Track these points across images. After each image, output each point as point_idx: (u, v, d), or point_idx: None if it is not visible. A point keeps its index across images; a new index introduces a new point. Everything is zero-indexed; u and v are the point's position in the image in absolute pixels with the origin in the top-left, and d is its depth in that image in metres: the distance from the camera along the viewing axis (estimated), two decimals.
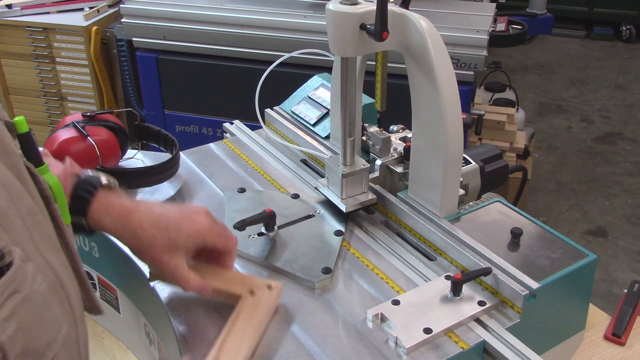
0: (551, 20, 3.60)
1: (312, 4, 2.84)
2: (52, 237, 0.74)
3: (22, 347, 0.61)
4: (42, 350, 0.65)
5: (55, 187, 0.78)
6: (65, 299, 0.72)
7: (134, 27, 2.95)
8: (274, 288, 1.06)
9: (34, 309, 0.64)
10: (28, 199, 0.69)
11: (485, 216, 1.22)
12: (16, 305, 0.61)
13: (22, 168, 0.70)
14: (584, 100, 4.88)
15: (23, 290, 0.62)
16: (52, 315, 0.68)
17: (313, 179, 1.42)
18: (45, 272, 0.68)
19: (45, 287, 0.66)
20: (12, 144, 0.70)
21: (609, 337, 1.23)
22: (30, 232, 0.67)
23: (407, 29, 1.11)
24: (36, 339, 0.64)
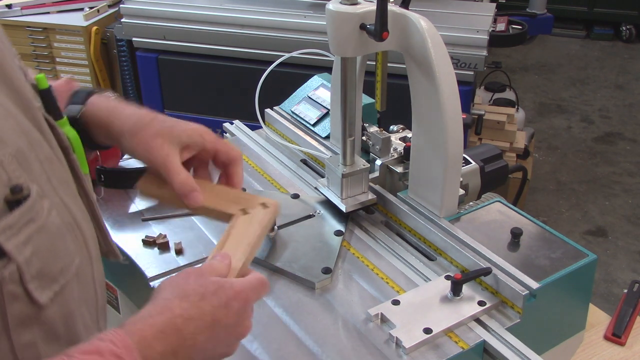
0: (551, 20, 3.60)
1: (312, 4, 2.84)
2: (70, 183, 0.81)
3: (36, 269, 0.68)
4: (54, 275, 0.72)
5: (74, 139, 0.86)
6: (81, 238, 0.79)
7: (134, 27, 2.95)
8: (269, 206, 0.99)
9: (48, 237, 0.71)
10: (46, 147, 0.76)
11: (485, 216, 1.22)
12: (32, 232, 0.68)
13: (41, 120, 0.78)
14: (584, 100, 4.88)
15: (39, 220, 0.69)
16: (65, 247, 0.74)
17: (313, 179, 1.42)
18: (61, 211, 0.75)
19: (59, 222, 0.73)
20: (33, 99, 0.77)
21: (609, 337, 1.23)
22: (48, 175, 0.74)
23: (407, 29, 1.11)
24: (50, 264, 0.71)
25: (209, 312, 0.78)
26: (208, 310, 0.78)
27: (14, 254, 0.66)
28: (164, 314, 0.76)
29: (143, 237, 1.24)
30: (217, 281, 0.81)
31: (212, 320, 0.78)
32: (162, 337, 0.74)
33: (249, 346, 1.00)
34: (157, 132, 0.96)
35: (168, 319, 0.76)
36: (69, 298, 0.75)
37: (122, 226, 1.30)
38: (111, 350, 0.69)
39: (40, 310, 0.70)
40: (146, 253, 1.21)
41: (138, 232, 1.26)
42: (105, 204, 1.35)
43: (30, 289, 0.68)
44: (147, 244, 1.23)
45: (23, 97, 0.75)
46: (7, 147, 0.67)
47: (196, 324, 0.77)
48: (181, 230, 1.26)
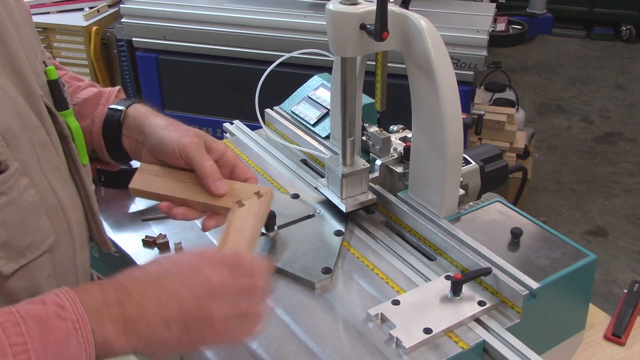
0: (551, 20, 3.60)
1: (312, 4, 2.84)
2: (62, 169, 0.85)
3: (2, 239, 0.72)
4: (21, 249, 0.75)
5: (76, 130, 0.90)
6: (65, 222, 0.83)
7: (134, 27, 2.95)
8: (263, 194, 0.99)
9: (18, 212, 0.74)
10: (42, 132, 0.81)
11: (485, 216, 1.22)
12: (2, 204, 0.72)
13: (42, 107, 0.83)
14: (584, 100, 4.88)
15: (11, 194, 0.73)
16: (38, 225, 0.78)
17: (313, 179, 1.42)
18: (46, 192, 0.79)
19: (36, 200, 0.77)
20: (36, 86, 0.82)
21: (609, 337, 1.23)
22: (39, 158, 0.79)
23: (407, 29, 1.11)
24: (17, 238, 0.74)
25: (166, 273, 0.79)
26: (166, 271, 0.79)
27: None
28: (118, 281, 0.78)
29: (143, 237, 1.24)
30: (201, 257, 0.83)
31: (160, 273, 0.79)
32: (103, 289, 0.75)
33: (249, 346, 1.00)
34: (189, 128, 1.02)
35: (113, 279, 0.78)
36: (37, 274, 0.78)
37: (122, 226, 1.30)
38: (54, 300, 0.71)
39: (3, 280, 0.74)
40: (146, 253, 1.21)
41: (138, 232, 1.26)
42: (105, 204, 1.35)
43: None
44: (147, 244, 1.23)
45: (26, 84, 0.80)
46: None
47: (142, 278, 0.78)
48: (181, 230, 1.26)
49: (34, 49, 0.89)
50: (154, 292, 0.76)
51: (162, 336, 0.75)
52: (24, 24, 0.88)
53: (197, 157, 0.97)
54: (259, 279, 0.82)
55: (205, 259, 0.81)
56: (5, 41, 0.80)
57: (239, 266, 0.81)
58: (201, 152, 0.98)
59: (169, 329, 0.75)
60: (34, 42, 0.90)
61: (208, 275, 0.78)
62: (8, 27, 0.81)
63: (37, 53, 0.89)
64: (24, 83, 0.80)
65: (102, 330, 0.72)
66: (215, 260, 0.81)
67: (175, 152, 0.98)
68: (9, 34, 0.81)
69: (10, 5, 0.85)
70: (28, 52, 0.85)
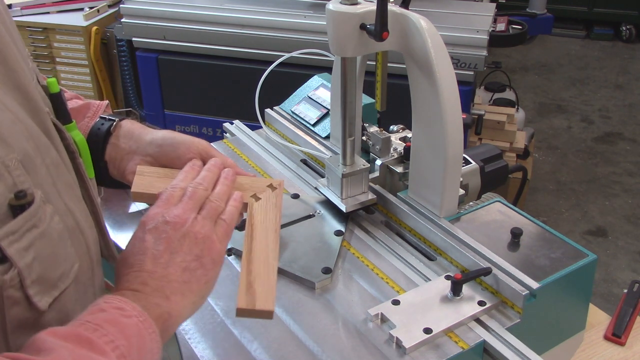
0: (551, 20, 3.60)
1: (312, 4, 2.84)
2: (75, 187, 0.83)
3: (37, 274, 0.70)
4: (54, 281, 0.73)
5: (81, 144, 0.88)
6: (84, 243, 0.81)
7: (134, 27, 2.95)
8: (276, 186, 1.02)
9: (50, 243, 0.72)
10: (53, 151, 0.78)
11: (485, 216, 1.22)
12: (35, 237, 0.69)
13: (50, 124, 0.79)
14: (584, 100, 4.88)
15: (41, 225, 0.70)
16: (66, 253, 0.76)
17: (313, 179, 1.42)
18: (65, 216, 0.77)
19: (61, 227, 0.75)
20: (42, 103, 0.79)
21: (609, 337, 1.23)
22: (54, 179, 0.76)
23: (407, 29, 1.11)
24: (50, 270, 0.72)
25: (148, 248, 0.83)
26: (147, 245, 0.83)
27: (15, 259, 0.66)
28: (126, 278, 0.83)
29: None
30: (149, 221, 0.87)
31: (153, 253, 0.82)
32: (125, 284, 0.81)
33: (249, 346, 1.01)
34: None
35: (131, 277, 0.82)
36: (66, 303, 0.76)
37: (122, 226, 1.30)
38: (110, 305, 0.74)
39: (39, 315, 0.71)
40: None
41: None
42: (105, 204, 1.35)
43: (30, 294, 0.69)
44: None
45: (32, 102, 0.77)
46: (14, 152, 0.68)
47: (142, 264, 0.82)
48: None
49: (25, 56, 0.85)
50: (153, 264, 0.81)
51: (194, 279, 0.82)
52: (14, 30, 0.84)
53: (217, 153, 1.02)
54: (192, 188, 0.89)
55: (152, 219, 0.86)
56: (6, 57, 0.75)
57: (170, 197, 0.89)
58: (217, 151, 1.03)
59: (190, 270, 0.82)
60: (24, 53, 0.87)
61: (169, 220, 0.85)
62: (8, 43, 0.77)
63: (27, 61, 0.86)
64: (29, 101, 0.77)
65: (154, 304, 0.77)
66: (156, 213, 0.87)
67: (191, 149, 1.01)
68: (9, 50, 0.76)
69: (1, 15, 0.80)
70: (24, 61, 0.81)
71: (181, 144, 1.02)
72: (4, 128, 0.68)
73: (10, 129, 0.69)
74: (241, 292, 0.86)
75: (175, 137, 1.03)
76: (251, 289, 0.86)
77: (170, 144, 1.02)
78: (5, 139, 0.67)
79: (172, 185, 0.91)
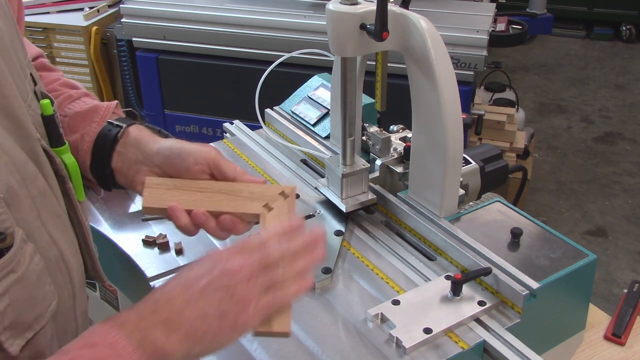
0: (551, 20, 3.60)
1: (312, 4, 2.84)
2: (62, 215, 0.81)
3: (10, 321, 0.67)
4: (29, 323, 0.71)
5: (72, 167, 0.85)
6: (66, 273, 0.79)
7: (134, 27, 2.95)
8: (288, 194, 0.98)
9: (27, 287, 0.70)
10: (41, 180, 0.76)
11: (485, 216, 1.22)
12: (11, 283, 0.67)
13: (39, 151, 0.77)
14: (584, 100, 4.88)
15: (19, 270, 0.68)
16: (44, 293, 0.74)
17: (313, 179, 1.42)
18: (47, 249, 0.75)
19: (41, 267, 0.73)
20: (32, 128, 0.76)
21: (609, 337, 1.23)
22: (39, 211, 0.74)
23: (407, 29, 1.11)
24: (25, 314, 0.70)
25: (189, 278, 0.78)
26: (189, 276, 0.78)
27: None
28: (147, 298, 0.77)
29: (143, 237, 1.24)
30: (213, 256, 0.81)
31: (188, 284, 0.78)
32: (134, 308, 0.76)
33: (249, 346, 1.01)
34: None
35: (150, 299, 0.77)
36: (40, 341, 0.74)
37: (122, 226, 1.29)
38: (102, 340, 0.71)
39: (9, 359, 0.69)
40: (146, 253, 1.21)
41: (138, 232, 1.26)
42: (105, 204, 1.35)
43: (1, 340, 0.67)
44: (147, 244, 1.23)
45: (22, 128, 0.74)
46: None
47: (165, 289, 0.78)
48: None
49: (22, 66, 0.81)
50: (180, 296, 0.76)
51: (202, 330, 0.76)
52: (12, 40, 0.79)
53: (226, 162, 0.99)
54: (271, 250, 0.82)
55: (215, 256, 0.81)
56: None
57: (247, 247, 0.82)
58: (226, 159, 1.00)
59: (205, 322, 0.76)
60: (21, 56, 0.82)
61: (224, 265, 0.79)
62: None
63: (25, 70, 0.82)
64: (19, 127, 0.73)
65: (152, 339, 0.72)
66: (224, 253, 0.81)
67: (199, 159, 0.97)
68: (1, 73, 0.72)
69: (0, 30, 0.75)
70: (18, 79, 0.77)
71: (189, 155, 0.98)
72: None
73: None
74: None
75: (183, 148, 0.99)
76: None
77: (178, 154, 0.98)
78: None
79: (257, 235, 0.84)
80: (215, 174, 0.99)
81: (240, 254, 0.80)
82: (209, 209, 0.94)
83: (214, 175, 1.00)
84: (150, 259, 1.19)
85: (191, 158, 0.98)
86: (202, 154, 0.98)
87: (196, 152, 0.98)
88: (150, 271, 1.16)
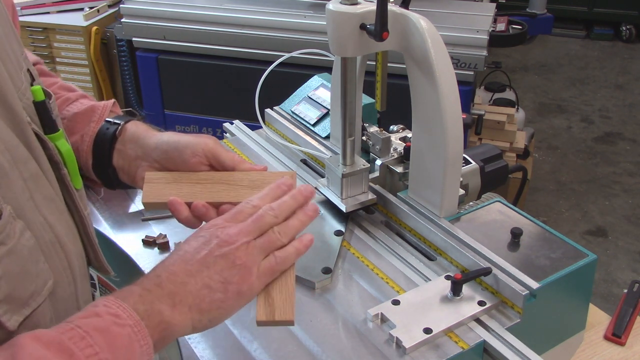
0: (551, 20, 3.60)
1: (312, 4, 2.84)
2: (56, 200, 0.80)
3: (4, 293, 0.67)
4: (25, 299, 0.71)
5: (67, 154, 0.84)
6: (64, 257, 0.79)
7: (134, 27, 2.95)
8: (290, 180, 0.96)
9: (18, 260, 0.69)
10: (33, 163, 0.75)
11: (485, 216, 1.22)
12: (2, 255, 0.66)
13: (31, 135, 0.76)
14: (584, 100, 4.88)
15: (9, 242, 0.68)
16: (38, 269, 0.73)
17: (313, 179, 1.42)
18: (42, 231, 0.74)
19: (32, 243, 0.72)
20: (23, 113, 0.75)
21: (609, 337, 1.23)
22: (32, 193, 0.74)
23: (407, 29, 1.11)
24: (19, 288, 0.70)
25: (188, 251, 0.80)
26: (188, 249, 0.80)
27: None
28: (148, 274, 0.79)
29: (143, 237, 1.24)
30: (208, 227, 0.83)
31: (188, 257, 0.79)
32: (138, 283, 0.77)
33: (249, 346, 1.01)
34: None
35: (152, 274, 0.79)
36: (40, 321, 0.74)
37: (122, 226, 1.30)
38: (106, 310, 0.72)
39: (8, 334, 0.69)
40: (146, 253, 1.21)
41: (138, 232, 1.26)
42: (105, 203, 1.35)
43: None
44: (147, 244, 1.23)
45: (12, 112, 0.74)
46: None
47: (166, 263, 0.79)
48: (181, 230, 1.26)
49: (18, 59, 0.81)
50: (182, 269, 0.79)
51: (209, 299, 0.78)
52: (6, 31, 0.79)
53: (224, 152, 1.00)
54: (263, 212, 0.84)
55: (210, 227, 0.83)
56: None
57: (240, 213, 0.84)
58: (224, 148, 1.01)
59: (210, 291, 0.78)
60: (17, 51, 0.82)
61: (221, 234, 0.81)
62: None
63: (21, 63, 0.82)
64: (9, 111, 0.73)
65: (157, 311, 0.74)
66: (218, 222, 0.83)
67: (197, 151, 0.98)
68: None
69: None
70: (11, 67, 0.77)
71: (186, 148, 0.99)
72: None
73: None
74: (260, 304, 0.83)
75: (180, 141, 1.00)
76: (269, 298, 0.84)
77: (175, 148, 0.99)
78: None
79: (247, 201, 0.87)
80: (214, 164, 1.00)
81: (234, 221, 0.83)
82: (208, 200, 0.94)
83: (213, 165, 1.00)
84: (150, 259, 1.19)
85: (188, 150, 0.99)
86: (199, 145, 0.99)
87: (193, 144, 0.99)
88: None
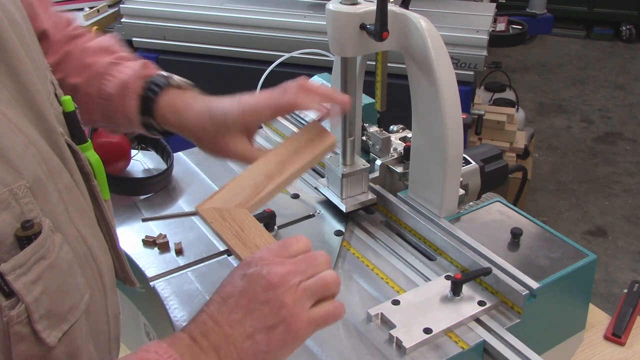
0: (551, 20, 3.61)
1: (312, 4, 2.84)
2: (88, 212, 0.79)
3: (46, 309, 0.66)
4: (64, 314, 0.70)
5: (96, 164, 0.83)
6: (96, 270, 0.78)
7: (134, 27, 2.95)
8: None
9: (59, 275, 0.68)
10: (66, 175, 0.74)
11: (485, 216, 1.22)
12: (43, 270, 0.66)
13: (63, 145, 0.75)
14: (584, 100, 4.88)
15: (50, 257, 0.67)
16: (76, 283, 0.72)
17: (313, 179, 1.42)
18: (76, 244, 0.73)
19: (70, 257, 0.71)
20: (55, 123, 0.74)
21: (609, 337, 1.23)
22: (66, 205, 0.73)
23: (407, 29, 1.11)
24: (59, 303, 0.69)
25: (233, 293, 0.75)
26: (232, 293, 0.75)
27: (22, 294, 0.64)
28: (196, 319, 0.75)
29: (143, 237, 1.24)
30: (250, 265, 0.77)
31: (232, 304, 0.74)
32: (186, 329, 0.74)
33: None
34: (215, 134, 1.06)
35: (199, 320, 0.74)
36: (76, 336, 0.73)
37: (122, 226, 1.29)
38: (158, 359, 0.69)
39: (47, 351, 0.68)
40: (146, 253, 1.21)
41: (138, 232, 1.26)
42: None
43: (39, 329, 0.66)
44: (147, 244, 1.23)
45: (46, 122, 0.73)
46: (23, 179, 0.65)
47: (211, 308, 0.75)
48: (181, 230, 1.26)
49: (43, 68, 0.80)
50: (225, 318, 0.74)
51: (252, 352, 0.73)
52: (33, 41, 0.78)
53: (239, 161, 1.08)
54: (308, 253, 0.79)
55: (252, 266, 0.77)
56: (19, 74, 0.70)
57: (285, 250, 0.78)
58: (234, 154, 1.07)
59: (254, 341, 0.73)
60: (42, 60, 0.81)
61: (265, 277, 0.75)
62: (22, 58, 0.71)
63: (46, 73, 0.80)
64: (42, 121, 0.72)
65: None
66: (262, 256, 0.78)
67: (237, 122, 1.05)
68: (23, 64, 0.70)
69: (20, 26, 0.73)
70: (40, 77, 0.76)
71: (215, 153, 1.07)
72: (15, 153, 0.65)
73: (21, 153, 0.65)
74: None
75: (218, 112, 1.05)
76: None
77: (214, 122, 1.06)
78: (15, 165, 0.64)
79: (299, 235, 0.81)
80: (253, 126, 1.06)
81: (281, 256, 0.77)
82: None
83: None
84: (150, 259, 1.19)
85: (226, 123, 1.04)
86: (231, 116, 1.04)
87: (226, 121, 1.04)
88: (150, 271, 1.16)
